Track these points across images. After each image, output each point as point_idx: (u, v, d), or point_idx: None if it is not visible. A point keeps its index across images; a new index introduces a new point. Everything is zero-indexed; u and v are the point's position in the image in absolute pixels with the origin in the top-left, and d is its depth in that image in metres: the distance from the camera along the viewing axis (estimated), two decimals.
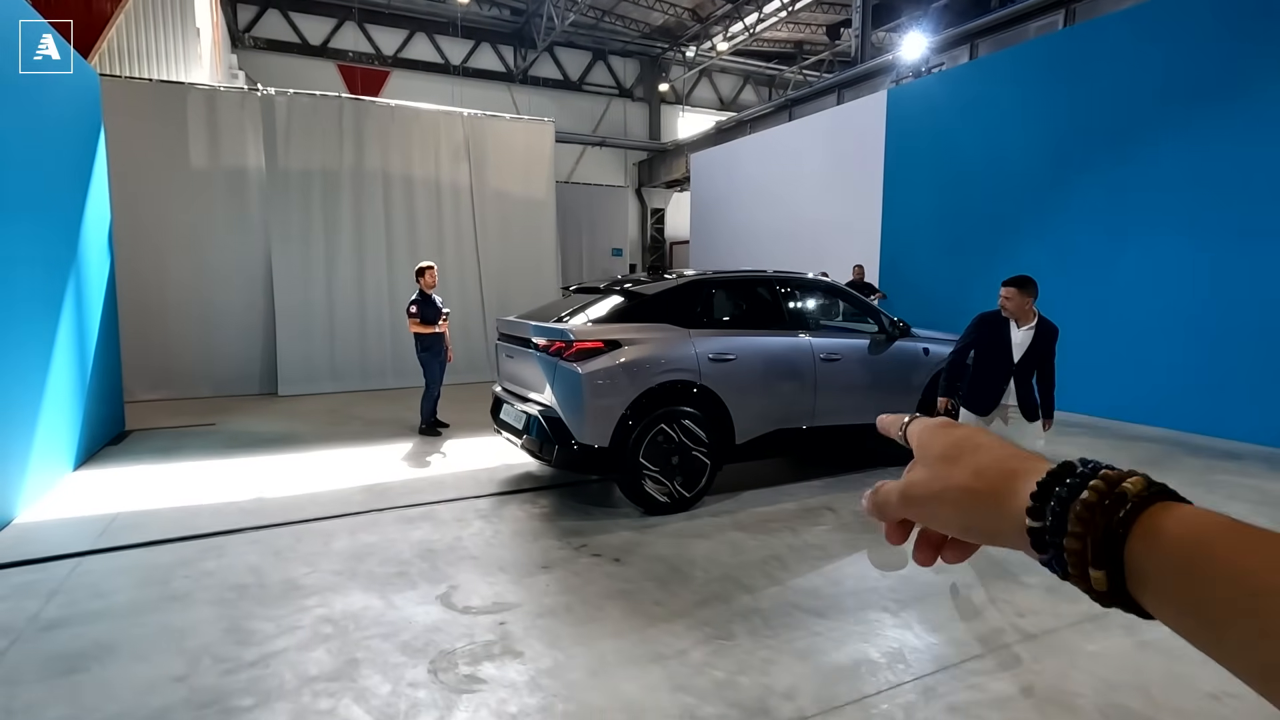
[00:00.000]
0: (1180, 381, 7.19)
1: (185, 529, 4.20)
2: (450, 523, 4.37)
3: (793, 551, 3.94)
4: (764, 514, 4.59)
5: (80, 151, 6.05)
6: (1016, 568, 3.71)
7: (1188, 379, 7.12)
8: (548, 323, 4.68)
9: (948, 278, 9.77)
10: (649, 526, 4.32)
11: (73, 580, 3.47)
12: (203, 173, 8.97)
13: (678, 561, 3.78)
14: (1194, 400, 7.06)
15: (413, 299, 6.80)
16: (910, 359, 5.54)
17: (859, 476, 5.45)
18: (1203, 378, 6.95)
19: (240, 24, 17.03)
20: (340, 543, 4.00)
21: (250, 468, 5.67)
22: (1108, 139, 7.81)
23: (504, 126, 10.80)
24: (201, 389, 8.90)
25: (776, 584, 3.51)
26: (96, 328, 6.24)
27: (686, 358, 4.53)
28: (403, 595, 3.31)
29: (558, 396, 4.38)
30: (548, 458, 4.46)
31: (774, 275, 5.30)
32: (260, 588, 3.39)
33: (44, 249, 5.06)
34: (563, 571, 3.63)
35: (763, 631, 3.01)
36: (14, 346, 4.42)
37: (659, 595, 3.37)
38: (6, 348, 4.29)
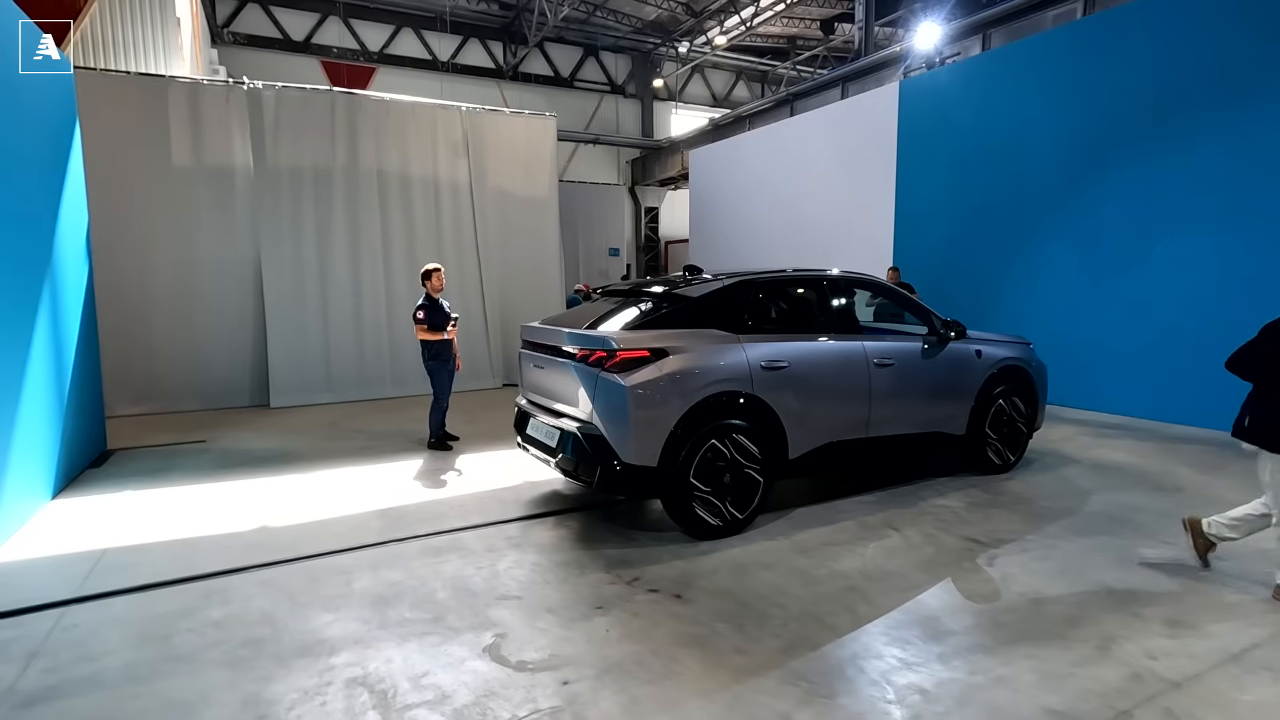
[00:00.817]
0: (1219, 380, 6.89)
1: (183, 568, 3.73)
2: (481, 553, 3.93)
3: (869, 581, 3.55)
4: (822, 535, 4.20)
5: (54, 149, 5.52)
6: (1124, 595, 3.35)
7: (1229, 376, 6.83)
8: (583, 329, 4.25)
9: (966, 276, 9.45)
10: (702, 554, 3.91)
11: (56, 637, 2.99)
12: (186, 171, 8.42)
13: (746, 596, 3.37)
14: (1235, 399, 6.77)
15: (419, 304, 6.34)
16: (963, 362, 5.18)
17: (910, 489, 5.07)
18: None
19: (219, 19, 16.37)
20: (362, 582, 3.54)
21: (249, 491, 5.18)
22: (1137, 131, 7.52)
23: (504, 122, 10.33)
24: (188, 402, 8.35)
25: (863, 622, 3.12)
26: (75, 339, 5.72)
27: (738, 366, 4.12)
28: (445, 649, 2.87)
29: (599, 411, 3.95)
30: (588, 479, 4.03)
31: (825, 274, 4.91)
32: (277, 642, 2.93)
33: (16, 255, 4.54)
34: (620, 612, 3.21)
35: (867, 687, 2.61)
36: None
37: (737, 640, 2.96)
38: None
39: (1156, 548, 3.97)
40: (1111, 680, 2.65)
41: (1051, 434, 6.67)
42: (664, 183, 20.72)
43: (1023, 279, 8.80)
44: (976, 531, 4.24)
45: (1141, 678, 2.66)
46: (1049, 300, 8.47)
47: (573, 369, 4.14)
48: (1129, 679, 2.66)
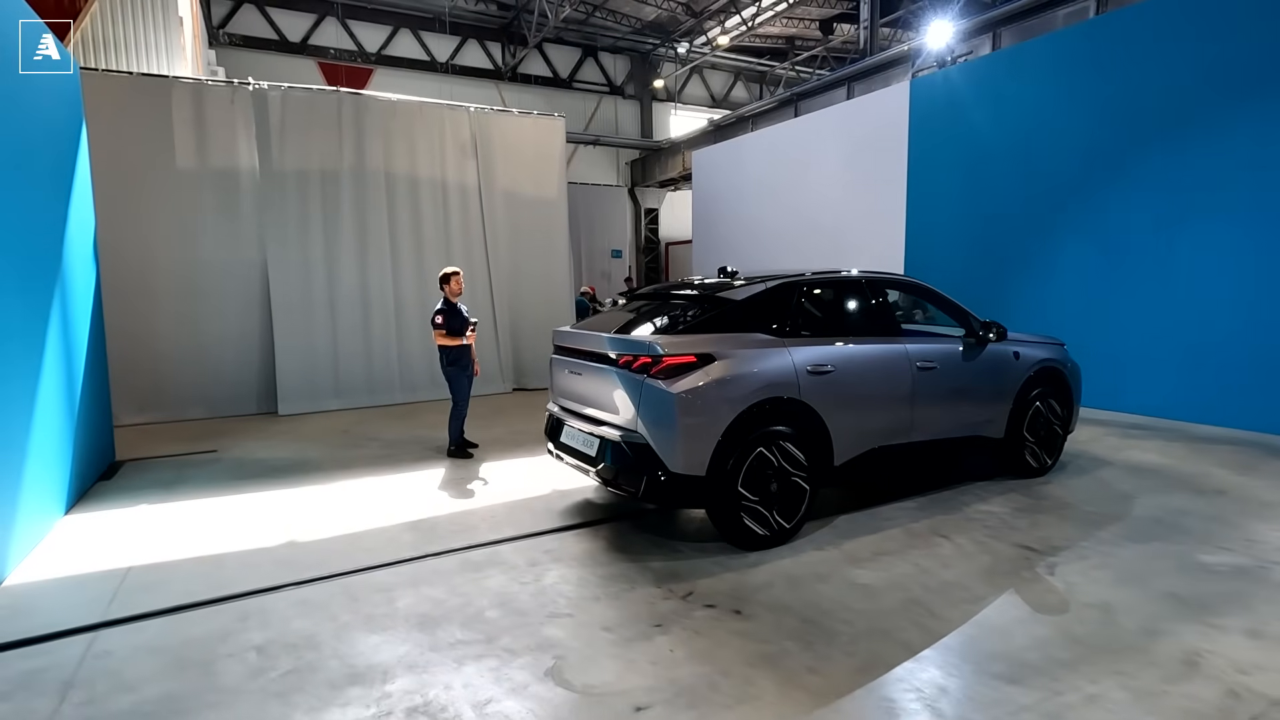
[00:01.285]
0: (1244, 379, 6.85)
1: (214, 587, 3.56)
2: (523, 568, 3.78)
3: (930, 593, 3.43)
4: (871, 544, 4.08)
5: (61, 152, 5.34)
6: (1194, 604, 3.25)
7: (1252, 376, 6.79)
8: (622, 334, 4.12)
9: (979, 277, 9.37)
10: (751, 565, 3.78)
11: (90, 666, 2.83)
12: (190, 173, 8.22)
13: (807, 611, 3.25)
14: (1261, 398, 6.72)
15: (438, 308, 6.19)
16: (1002, 364, 5.08)
17: (950, 495, 4.97)
18: (1270, 374, 6.60)
19: (215, 20, 16.13)
20: (404, 600, 3.39)
21: (269, 503, 5.01)
22: (1158, 128, 7.45)
23: (512, 122, 10.18)
24: (194, 410, 8.15)
25: (935, 637, 3.00)
26: (85, 346, 5.53)
27: (785, 370, 4.00)
28: (505, 672, 2.73)
29: (644, 419, 3.81)
30: (631, 490, 3.89)
31: (867, 275, 4.79)
32: (326, 669, 2.78)
33: (26, 262, 4.36)
34: (681, 630, 3.07)
35: (952, 711, 2.49)
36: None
37: (808, 659, 2.83)
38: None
39: (1214, 554, 3.87)
40: (1209, 698, 2.54)
41: (1077, 435, 6.57)
42: (664, 184, 20.60)
43: (1039, 278, 8.73)
44: (1028, 539, 4.13)
45: (1239, 695, 2.55)
46: (1066, 300, 8.40)
47: (614, 375, 4.00)
48: (1226, 696, 2.55)
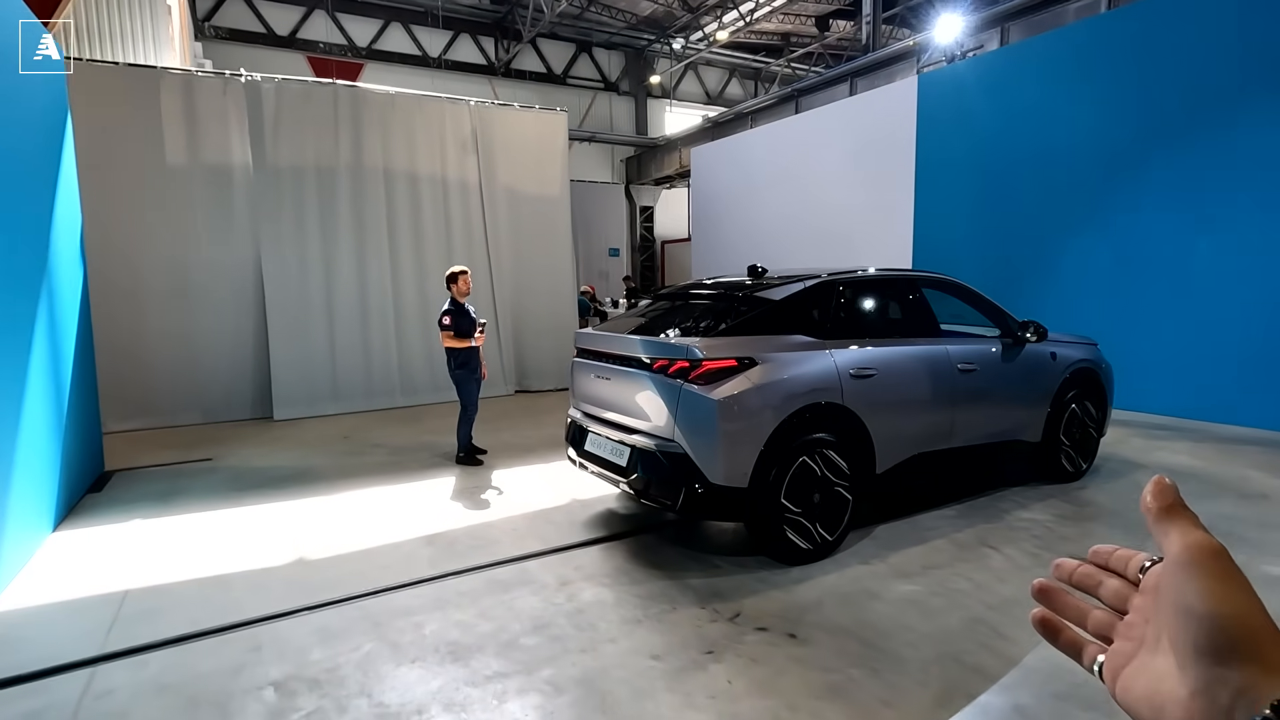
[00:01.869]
0: (1268, 378, 6.73)
1: (220, 613, 3.29)
2: (554, 587, 3.54)
3: (992, 611, 3.23)
4: (918, 556, 3.87)
5: (47, 149, 5.02)
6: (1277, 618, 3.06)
7: (1276, 375, 6.67)
8: (656, 336, 3.88)
9: (992, 277, 9.15)
10: (796, 582, 3.56)
11: (90, 708, 2.55)
12: (181, 169, 7.87)
13: (865, 633, 3.03)
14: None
15: (445, 309, 5.91)
16: (1040, 364, 4.90)
17: (988, 501, 4.78)
18: None
19: (200, 12, 15.69)
20: (432, 625, 3.14)
21: (271, 517, 4.73)
22: (1175, 126, 7.32)
23: (514, 117, 9.90)
24: (186, 415, 7.81)
25: (1006, 660, 2.79)
26: (72, 351, 5.21)
27: (828, 374, 3.78)
28: (552, 709, 2.49)
29: (682, 427, 3.58)
30: (668, 502, 3.66)
31: (907, 273, 4.60)
32: (358, 710, 2.52)
33: (8, 261, 4.06)
34: (735, 658, 2.84)
35: None
36: None
37: (879, 689, 2.61)
38: None
39: (1278, 564, 3.70)
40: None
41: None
42: (659, 181, 20.37)
43: (1052, 277, 8.59)
44: (1081, 549, 3.89)
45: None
46: (1081, 299, 8.26)
47: (647, 380, 3.77)
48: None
